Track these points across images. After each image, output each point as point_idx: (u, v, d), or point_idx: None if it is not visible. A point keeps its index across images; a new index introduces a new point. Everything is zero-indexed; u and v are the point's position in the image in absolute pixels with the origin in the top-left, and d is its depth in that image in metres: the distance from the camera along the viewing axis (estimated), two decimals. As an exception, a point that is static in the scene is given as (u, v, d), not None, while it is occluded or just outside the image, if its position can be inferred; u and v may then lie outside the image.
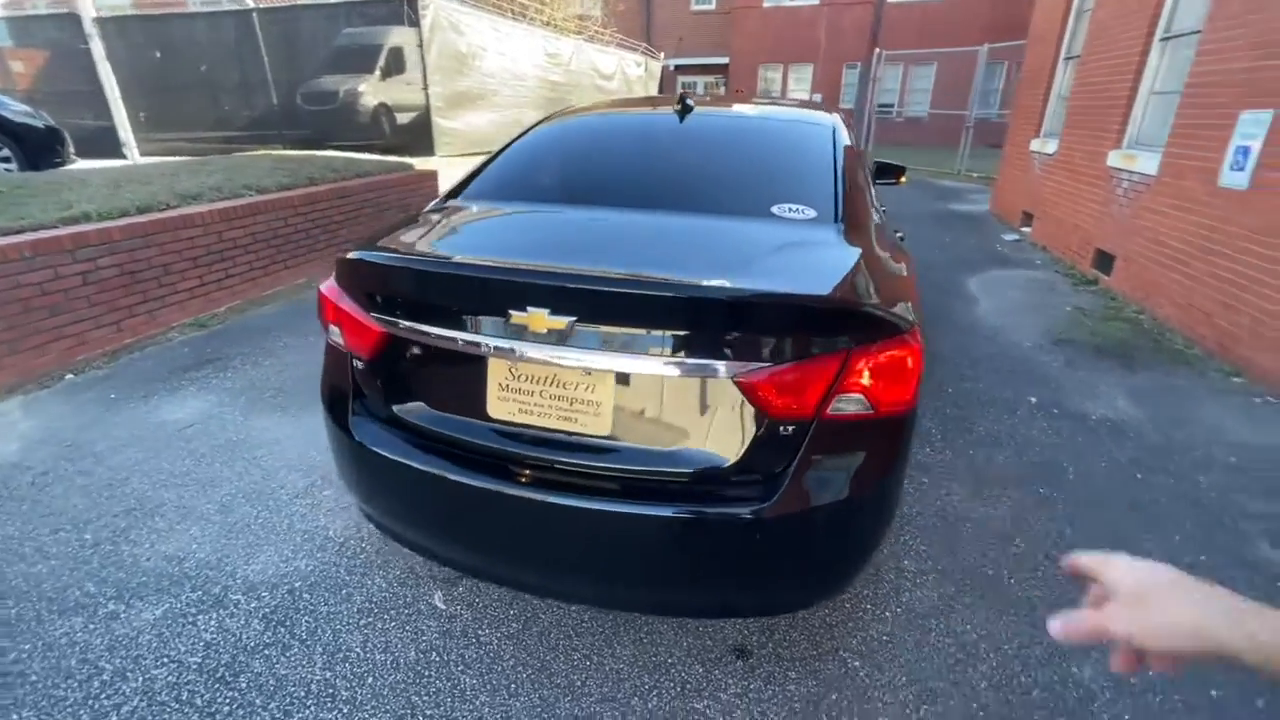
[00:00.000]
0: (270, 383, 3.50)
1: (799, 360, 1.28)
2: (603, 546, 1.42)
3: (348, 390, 1.64)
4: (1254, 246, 3.86)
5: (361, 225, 5.94)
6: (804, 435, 1.32)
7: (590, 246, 1.61)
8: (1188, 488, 2.70)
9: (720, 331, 1.29)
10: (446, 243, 1.68)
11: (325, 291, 1.67)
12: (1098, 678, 1.79)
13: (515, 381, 1.43)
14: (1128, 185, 5.46)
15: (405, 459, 1.52)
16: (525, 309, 1.31)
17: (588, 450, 1.42)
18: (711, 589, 1.43)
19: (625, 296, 1.29)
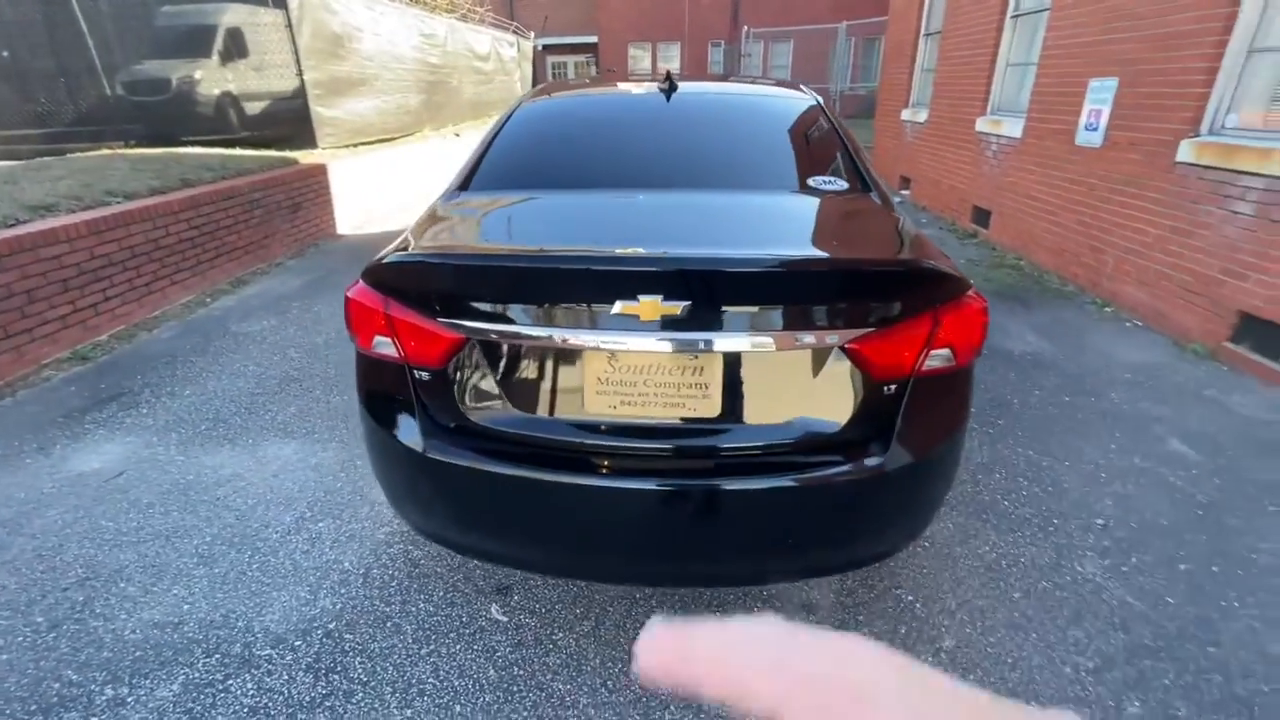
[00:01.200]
0: (202, 414, 3.08)
1: (900, 322, 1.36)
2: (725, 525, 1.43)
3: (409, 403, 1.50)
4: (1111, 195, 4.54)
5: (253, 229, 5.31)
6: (904, 392, 1.41)
7: (660, 229, 1.58)
8: (1105, 404, 3.17)
9: (830, 301, 1.33)
10: (505, 235, 1.57)
11: (361, 299, 1.51)
12: (1099, 572, 2.08)
13: (615, 373, 1.39)
14: (996, 147, 6.17)
15: (494, 468, 1.43)
16: (636, 297, 1.27)
17: (697, 434, 1.42)
18: (834, 546, 1.49)
19: (741, 276, 1.29)
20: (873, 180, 1.88)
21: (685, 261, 1.28)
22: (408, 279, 1.45)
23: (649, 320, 1.29)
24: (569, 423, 1.44)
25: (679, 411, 1.40)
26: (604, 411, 1.42)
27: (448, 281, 1.41)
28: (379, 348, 1.51)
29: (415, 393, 1.50)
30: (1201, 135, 3.80)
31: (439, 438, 1.48)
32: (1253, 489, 2.49)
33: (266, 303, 4.67)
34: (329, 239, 6.56)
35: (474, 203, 1.81)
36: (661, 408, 1.40)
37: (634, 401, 1.40)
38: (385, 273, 1.47)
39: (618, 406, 1.41)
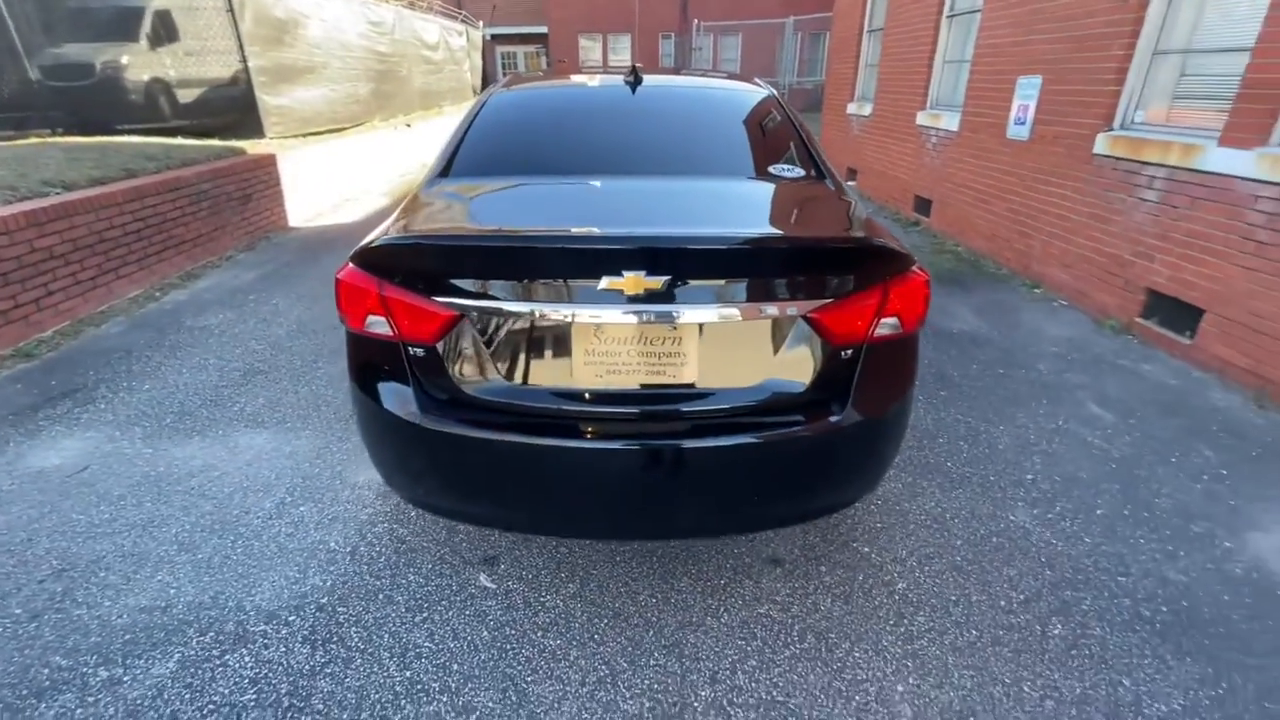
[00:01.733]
0: (165, 407, 3.04)
1: (854, 293, 1.53)
2: (703, 480, 1.57)
3: (404, 378, 1.58)
4: (1038, 185, 4.91)
5: (202, 221, 5.15)
6: (859, 357, 1.58)
7: (636, 211, 1.70)
8: (1034, 374, 3.48)
9: (794, 275, 1.49)
10: (494, 217, 1.66)
11: (351, 280, 1.58)
12: (1029, 520, 2.33)
13: (601, 345, 1.51)
14: (936, 140, 6.53)
15: (488, 435, 1.53)
16: (621, 273, 1.39)
17: (675, 399, 1.55)
18: (799, 496, 1.65)
19: (717, 252, 1.43)
20: (826, 168, 2.05)
21: (665, 240, 1.41)
22: (401, 260, 1.53)
23: (633, 294, 1.41)
24: (557, 392, 1.56)
25: (659, 379, 1.54)
26: (591, 381, 1.54)
27: (442, 261, 1.50)
28: (372, 327, 1.58)
29: (410, 368, 1.58)
30: (1114, 130, 4.16)
31: (434, 409, 1.57)
32: (1158, 444, 2.81)
33: (220, 296, 4.57)
34: (281, 231, 6.40)
35: (456, 188, 1.89)
36: (644, 375, 1.53)
37: (619, 370, 1.53)
38: (379, 254, 1.55)
39: (604, 375, 1.53)
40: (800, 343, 1.55)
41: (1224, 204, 3.33)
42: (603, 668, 1.74)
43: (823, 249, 1.50)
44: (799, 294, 1.49)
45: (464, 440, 1.53)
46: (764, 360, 1.56)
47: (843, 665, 1.75)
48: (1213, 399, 3.20)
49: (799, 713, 1.62)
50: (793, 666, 1.74)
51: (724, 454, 1.52)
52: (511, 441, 1.51)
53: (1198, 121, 3.66)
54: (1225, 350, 3.36)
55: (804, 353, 1.56)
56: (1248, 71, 3.19)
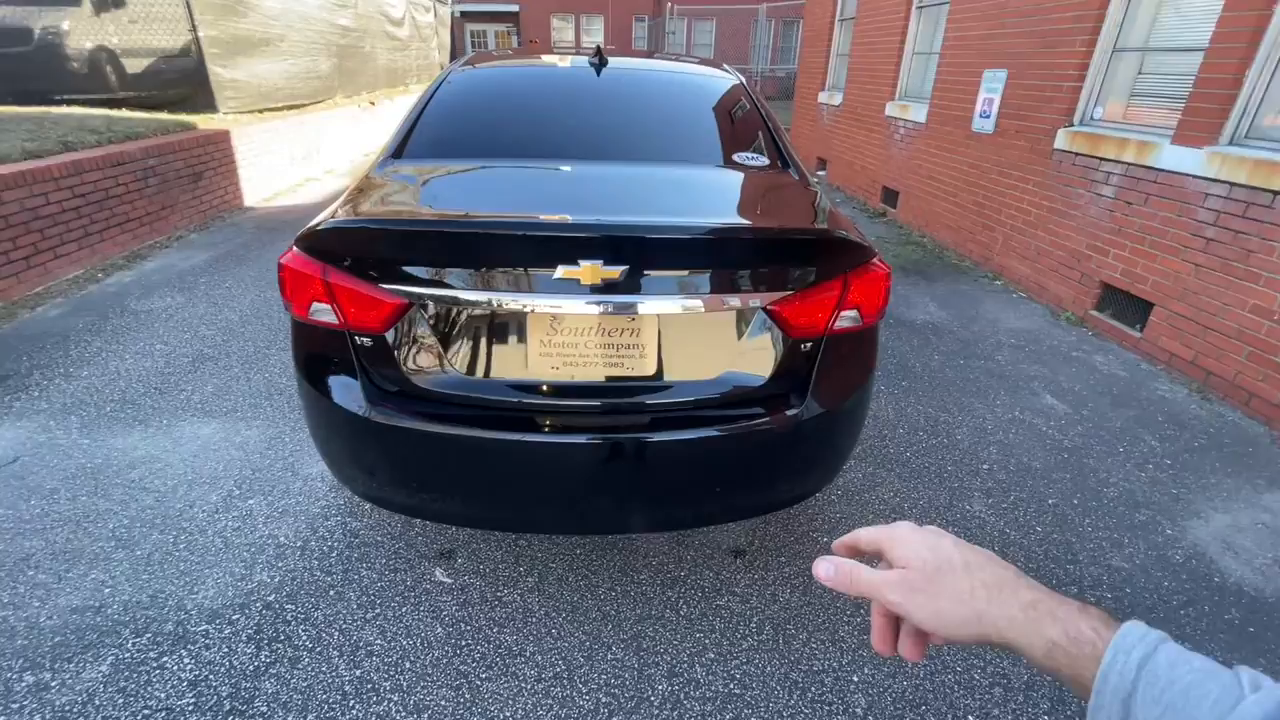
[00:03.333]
0: (105, 395, 2.89)
1: (815, 285, 1.51)
2: (662, 475, 1.54)
3: (351, 369, 1.51)
4: (1000, 178, 4.99)
5: (149, 199, 4.91)
6: (818, 349, 1.57)
7: (594, 198, 1.65)
8: (993, 365, 3.55)
9: (754, 266, 1.46)
10: (445, 201, 1.59)
11: (295, 265, 1.50)
12: (984, 510, 2.38)
13: (557, 335, 1.46)
14: (904, 131, 6.58)
15: (439, 429, 1.48)
16: (578, 262, 1.35)
17: (634, 392, 1.52)
18: (759, 489, 1.64)
19: (675, 242, 1.39)
20: (791, 158, 2.02)
21: (623, 228, 1.37)
22: (348, 244, 1.46)
23: (589, 284, 1.37)
24: (512, 384, 1.51)
25: (617, 370, 1.50)
26: (546, 372, 1.49)
27: (391, 247, 1.43)
28: (317, 315, 1.51)
29: (357, 358, 1.51)
30: (1074, 125, 4.24)
31: (383, 402, 1.51)
32: (1108, 434, 2.89)
33: (169, 278, 4.36)
34: (235, 211, 6.15)
35: (409, 170, 1.81)
36: (601, 367, 1.49)
37: (575, 362, 1.49)
38: (323, 238, 1.47)
39: (559, 367, 1.49)
40: (760, 335, 1.53)
41: (1175, 200, 3.42)
42: (559, 663, 1.71)
43: (783, 240, 1.48)
44: (759, 285, 1.47)
45: (414, 435, 1.47)
46: (724, 353, 1.54)
47: (799, 656, 1.76)
48: (1159, 390, 3.31)
49: (755, 705, 1.62)
50: (750, 659, 1.75)
51: (683, 448, 1.50)
52: (464, 436, 1.46)
53: (1153, 120, 3.75)
54: (1172, 343, 3.48)
55: (764, 345, 1.54)
56: (1200, 71, 3.27)
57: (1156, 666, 0.36)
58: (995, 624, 0.43)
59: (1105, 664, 0.38)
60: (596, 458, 1.49)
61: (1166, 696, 0.35)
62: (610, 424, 1.52)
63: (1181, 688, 0.35)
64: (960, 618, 0.44)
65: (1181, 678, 0.36)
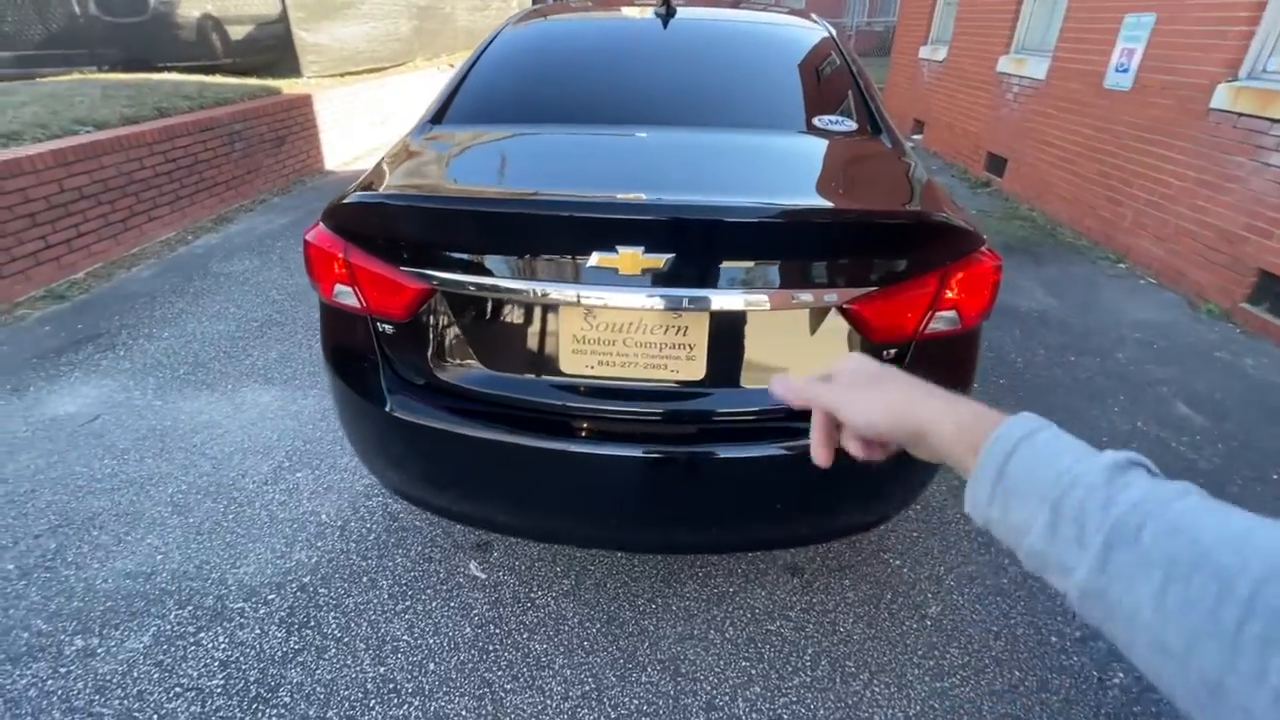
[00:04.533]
0: (180, 357, 2.99)
1: (904, 281, 1.24)
2: (709, 493, 1.35)
3: (374, 358, 1.40)
4: (1136, 144, 4.30)
5: (235, 164, 5.08)
6: (903, 357, 1.31)
7: (648, 171, 1.43)
8: (1111, 365, 3.08)
9: (829, 257, 1.21)
10: (474, 176, 1.43)
11: (319, 244, 1.38)
12: (1093, 539, 2.03)
13: (593, 331, 1.28)
14: (1018, 89, 5.83)
15: (462, 429, 1.34)
16: (615, 249, 1.15)
17: (680, 398, 1.32)
18: (820, 515, 1.42)
19: (732, 227, 1.17)
20: (884, 121, 1.71)
21: (668, 210, 1.15)
22: (369, 222, 1.32)
23: (629, 274, 1.17)
24: (544, 383, 1.34)
25: (661, 373, 1.31)
26: (581, 371, 1.32)
27: (413, 226, 1.28)
28: (340, 297, 1.39)
29: (379, 346, 1.40)
30: (1240, 80, 3.54)
31: (405, 395, 1.39)
32: (1257, 456, 2.43)
33: (249, 241, 4.51)
34: (316, 175, 6.32)
35: (447, 137, 1.66)
36: (642, 369, 1.30)
37: (613, 362, 1.30)
38: (345, 214, 1.34)
39: (595, 367, 1.31)
40: (833, 339, 1.28)
41: (1374, 173, 2.78)
42: (589, 681, 1.58)
43: (866, 224, 1.21)
44: (836, 280, 1.22)
45: (435, 434, 1.35)
46: (784, 358, 1.31)
47: (858, 701, 1.54)
48: (1329, 405, 2.75)
49: (803, 754, 1.43)
50: (800, 697, 1.55)
51: (733, 465, 1.30)
52: (490, 439, 1.32)
53: (1350, 70, 3.05)
54: (1351, 348, 2.87)
55: (834, 351, 1.29)
56: None
57: (1039, 436, 0.40)
58: (921, 411, 0.46)
59: (998, 430, 0.41)
60: (632, 472, 1.32)
61: (1035, 453, 0.39)
62: (650, 433, 1.33)
63: (1052, 450, 0.38)
64: (897, 407, 0.47)
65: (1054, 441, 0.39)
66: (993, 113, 6.29)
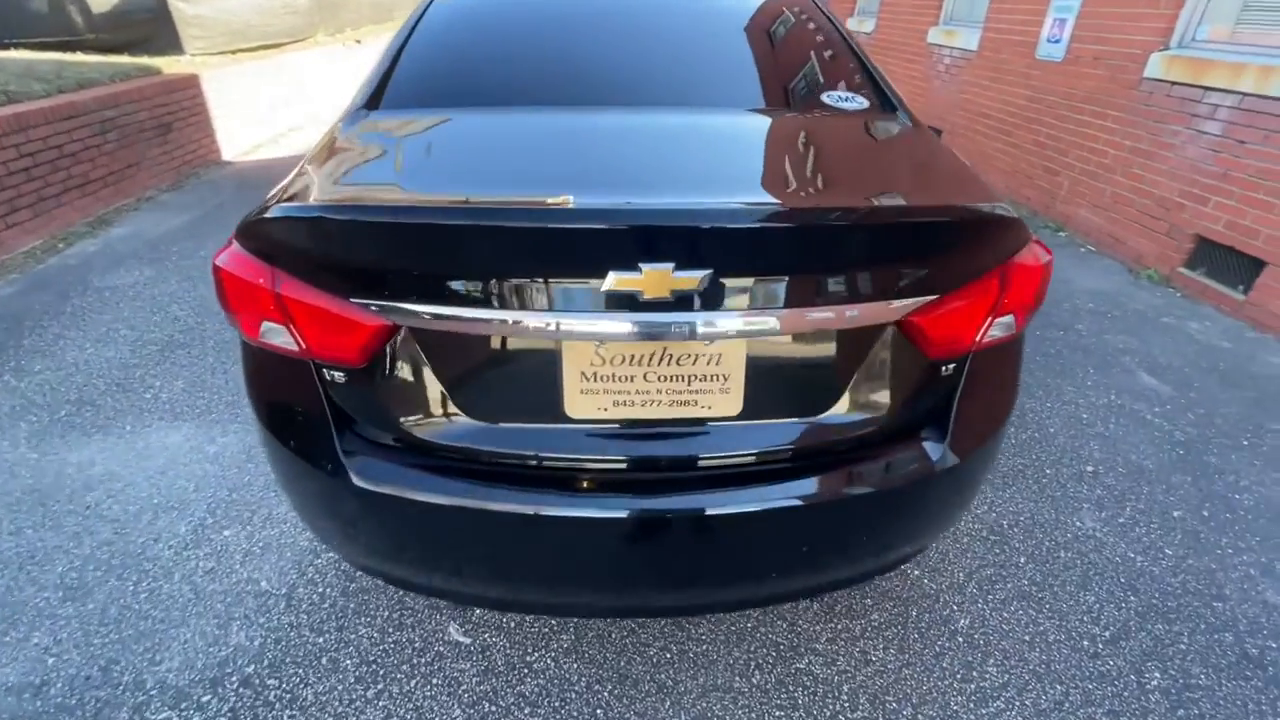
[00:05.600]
0: (60, 394, 2.50)
1: (965, 284, 1.07)
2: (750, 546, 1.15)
3: (322, 414, 1.10)
4: (1070, 114, 4.38)
5: (111, 156, 4.39)
6: (961, 372, 1.15)
7: (646, 167, 1.18)
8: (1074, 337, 3.10)
9: (889, 263, 1.02)
10: (437, 177, 1.13)
11: (236, 271, 1.07)
12: (1099, 527, 1.99)
13: (605, 366, 1.04)
14: (949, 61, 5.87)
15: (445, 498, 1.07)
16: (638, 267, 0.91)
17: (713, 436, 1.11)
18: (867, 556, 1.25)
19: (785, 234, 0.95)
20: (896, 96, 1.54)
21: (705, 216, 0.92)
22: (303, 243, 1.02)
23: (654, 297, 0.93)
24: (545, 432, 1.10)
25: (689, 410, 1.08)
26: (591, 415, 1.08)
27: (364, 247, 0.99)
28: (270, 337, 1.08)
29: (328, 399, 1.10)
30: (1172, 48, 3.62)
31: (368, 458, 1.10)
32: (1224, 423, 2.48)
33: (139, 247, 3.91)
34: (213, 166, 5.61)
35: (387, 126, 1.34)
36: (667, 407, 1.08)
37: (630, 401, 1.07)
38: (269, 233, 1.03)
39: (609, 409, 1.07)
40: (886, 356, 1.10)
41: (1306, 139, 2.88)
42: (609, 759, 1.37)
43: (928, 225, 1.03)
44: (894, 289, 1.03)
45: (412, 505, 1.07)
46: (832, 383, 1.11)
47: (907, 742, 1.41)
48: (1275, 364, 2.87)
49: (861, 818, 1.28)
50: (846, 747, 1.40)
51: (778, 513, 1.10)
52: (480, 508, 1.06)
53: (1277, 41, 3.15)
54: (1287, 308, 3.01)
55: (890, 370, 1.11)
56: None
57: None
58: None
59: None
60: (658, 531, 1.09)
61: None
62: (678, 480, 1.11)
63: None
64: None
65: None
66: (925, 85, 6.33)
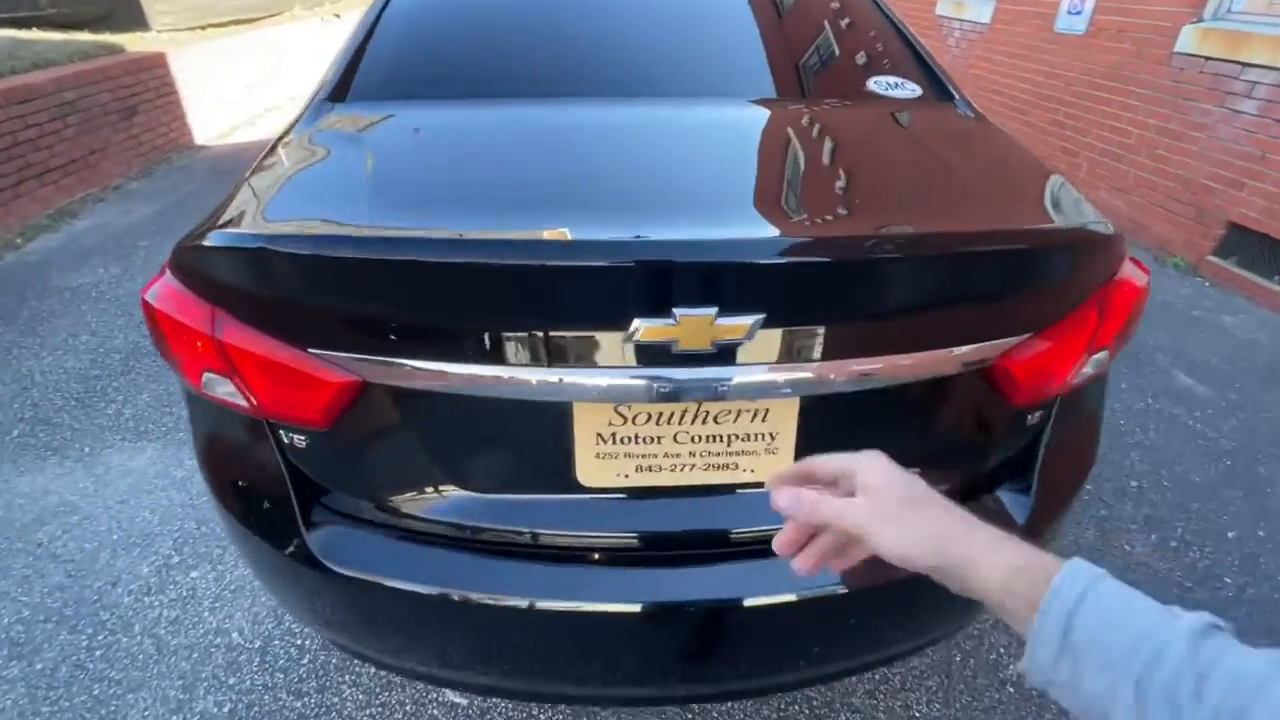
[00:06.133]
0: (13, 412, 2.29)
1: (1063, 317, 0.88)
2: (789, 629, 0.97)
3: (280, 481, 0.90)
4: (1090, 91, 4.15)
5: (69, 144, 4.09)
6: (1048, 419, 0.96)
7: (673, 182, 0.96)
8: (1103, 333, 2.93)
9: (981, 296, 0.82)
10: (416, 195, 0.92)
11: (170, 310, 0.86)
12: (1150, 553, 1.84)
13: (626, 426, 0.85)
14: (960, 35, 5.61)
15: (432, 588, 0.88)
16: (672, 313, 0.71)
17: (755, 505, 0.92)
18: (933, 627, 1.08)
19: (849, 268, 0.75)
20: (949, 81, 1.33)
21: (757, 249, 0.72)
22: (248, 279, 0.81)
23: (693, 349, 0.74)
24: (550, 504, 0.90)
25: (728, 475, 0.90)
26: (609, 483, 0.89)
27: (324, 287, 0.78)
28: (214, 389, 0.88)
29: (287, 465, 0.90)
30: (1205, 20, 3.40)
31: (336, 536, 0.91)
32: (1270, 428, 2.32)
33: (102, 241, 3.65)
34: (185, 151, 5.30)
35: (354, 124, 1.12)
36: (702, 471, 0.89)
37: (657, 465, 0.88)
38: (208, 264, 0.82)
39: (630, 475, 0.88)
40: (962, 406, 0.91)
41: (1357, 120, 2.69)
42: (629, 847, 1.21)
43: (1022, 250, 0.83)
44: (981, 330, 0.83)
45: (391, 593, 0.88)
46: (896, 439, 0.93)
47: (963, 820, 1.26)
48: (1317, 363, 2.71)
49: None
50: (895, 826, 1.24)
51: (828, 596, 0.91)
52: (477, 601, 0.87)
53: (1323, 10, 2.93)
54: (1329, 301, 2.84)
55: (968, 421, 0.93)
56: None
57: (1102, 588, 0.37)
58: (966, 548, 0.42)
59: (1056, 582, 0.38)
60: (692, 618, 0.91)
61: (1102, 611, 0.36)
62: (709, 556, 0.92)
63: (1120, 607, 0.36)
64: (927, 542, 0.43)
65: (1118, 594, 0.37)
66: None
